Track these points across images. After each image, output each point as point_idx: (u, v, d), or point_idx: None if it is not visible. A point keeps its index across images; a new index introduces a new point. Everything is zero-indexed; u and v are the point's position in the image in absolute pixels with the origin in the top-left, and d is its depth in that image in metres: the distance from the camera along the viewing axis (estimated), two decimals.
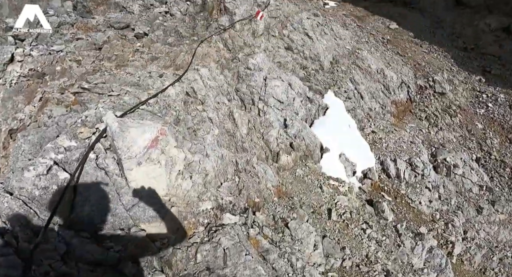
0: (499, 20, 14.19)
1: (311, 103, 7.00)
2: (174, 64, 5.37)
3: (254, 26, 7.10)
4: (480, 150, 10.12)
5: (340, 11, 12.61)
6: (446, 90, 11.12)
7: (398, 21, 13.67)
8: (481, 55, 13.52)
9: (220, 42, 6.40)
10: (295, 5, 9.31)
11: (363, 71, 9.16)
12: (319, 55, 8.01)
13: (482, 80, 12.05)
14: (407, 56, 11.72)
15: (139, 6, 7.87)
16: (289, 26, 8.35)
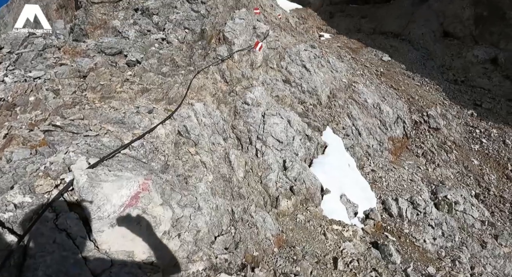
0: (486, 51, 14.64)
1: (310, 141, 6.60)
2: (166, 97, 4.90)
3: (252, 57, 6.85)
4: (478, 186, 10.01)
5: (335, 43, 12.71)
6: (440, 125, 11.08)
7: (390, 53, 13.90)
8: (471, 88, 13.74)
9: (217, 73, 6.06)
10: (292, 37, 9.24)
11: (359, 105, 8.96)
12: (316, 88, 7.76)
13: (474, 114, 12.13)
14: (400, 89, 11.72)
15: (135, 31, 7.47)
16: (286, 58, 8.15)
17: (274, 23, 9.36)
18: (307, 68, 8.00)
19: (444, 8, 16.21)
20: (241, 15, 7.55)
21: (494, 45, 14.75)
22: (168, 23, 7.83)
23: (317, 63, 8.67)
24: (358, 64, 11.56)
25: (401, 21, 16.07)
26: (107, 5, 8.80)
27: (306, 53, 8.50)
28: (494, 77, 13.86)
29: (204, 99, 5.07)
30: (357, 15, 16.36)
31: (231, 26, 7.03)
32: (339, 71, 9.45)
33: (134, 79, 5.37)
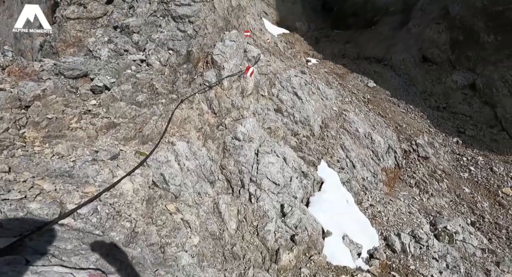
0: (465, 76, 14.69)
1: (306, 178, 5.94)
2: (139, 135, 4.03)
3: (243, 84, 6.23)
4: (473, 214, 9.90)
5: (322, 69, 12.50)
6: (429, 154, 10.95)
7: (375, 79, 13.87)
8: (453, 114, 13.84)
9: (204, 102, 5.34)
10: (281, 62, 8.80)
11: (351, 135, 8.52)
12: (309, 118, 7.21)
13: (459, 142, 12.11)
14: (388, 117, 11.55)
15: (109, 50, 6.54)
16: (277, 84, 7.61)
17: (263, 47, 8.92)
18: (299, 96, 7.48)
19: (422, 33, 16.31)
20: (232, 37, 6.98)
21: (471, 70, 14.66)
22: (149, 42, 7.07)
23: (308, 90, 8.21)
24: (346, 91, 11.30)
25: (382, 46, 16.33)
26: (85, 22, 7.85)
27: (297, 79, 8.03)
28: (474, 103, 14.07)
29: (188, 135, 4.29)
30: (342, 40, 16.53)
31: (220, 48, 6.44)
32: (329, 99, 9.04)
33: (98, 110, 4.35)
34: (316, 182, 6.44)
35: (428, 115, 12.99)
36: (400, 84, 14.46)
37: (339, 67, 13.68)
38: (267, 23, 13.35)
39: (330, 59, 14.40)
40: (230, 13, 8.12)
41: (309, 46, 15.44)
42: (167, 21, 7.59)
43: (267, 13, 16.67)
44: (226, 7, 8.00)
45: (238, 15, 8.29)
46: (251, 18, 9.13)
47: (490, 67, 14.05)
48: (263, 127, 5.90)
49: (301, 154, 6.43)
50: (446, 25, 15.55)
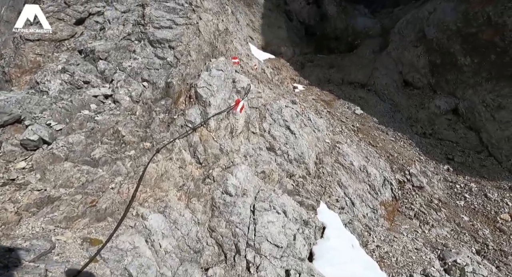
0: (447, 101, 14.52)
1: (307, 226, 5.14)
2: (91, 212, 2.93)
3: (232, 122, 5.47)
4: (476, 242, 9.59)
5: (309, 96, 12.08)
6: (423, 183, 10.62)
7: (361, 106, 13.62)
8: (440, 141, 13.75)
9: (186, 150, 4.47)
10: (270, 90, 8.19)
11: (347, 170, 7.92)
12: (303, 155, 6.51)
13: (450, 169, 11.92)
14: (379, 146, 11.18)
15: (61, 83, 5.13)
16: (268, 118, 6.91)
17: (251, 74, 8.31)
18: (291, 130, 6.80)
19: (401, 56, 16.21)
20: (219, 65, 6.18)
21: (452, 94, 14.50)
22: (119, 72, 5.91)
23: (300, 122, 7.58)
24: (335, 119, 10.85)
25: (365, 70, 16.31)
26: (47, 44, 6.60)
27: (288, 111, 7.39)
28: (459, 129, 14.04)
29: (165, 197, 3.37)
30: (326, 65, 16.44)
31: (206, 79, 5.65)
32: (320, 130, 8.45)
33: (28, 178, 3.03)
34: (318, 228, 5.70)
35: (417, 142, 12.79)
36: (386, 110, 14.30)
37: (326, 94, 13.35)
38: (253, 48, 12.93)
39: (316, 84, 14.09)
40: (217, 38, 7.42)
41: (295, 72, 15.14)
42: (143, 46, 6.57)
43: (252, 38, 16.39)
44: (213, 31, 7.28)
45: (226, 40, 7.65)
46: (238, 43, 8.56)
47: (470, 90, 14.07)
48: (256, 172, 5.10)
49: (299, 198, 5.64)
50: (423, 48, 15.46)
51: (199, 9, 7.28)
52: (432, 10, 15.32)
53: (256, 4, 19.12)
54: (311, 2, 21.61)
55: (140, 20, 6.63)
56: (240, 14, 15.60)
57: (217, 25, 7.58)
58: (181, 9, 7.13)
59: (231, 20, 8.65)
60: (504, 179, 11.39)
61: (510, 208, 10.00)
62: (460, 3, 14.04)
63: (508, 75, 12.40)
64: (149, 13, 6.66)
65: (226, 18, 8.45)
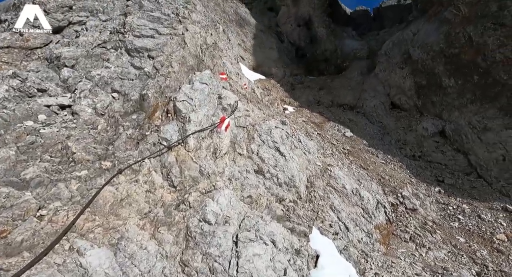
0: (434, 123, 14.57)
1: (299, 255, 4.77)
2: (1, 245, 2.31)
3: (216, 142, 5.11)
4: (475, 264, 9.33)
5: (299, 118, 12.01)
6: (416, 205, 10.44)
7: (351, 128, 13.63)
8: (429, 163, 13.77)
9: (158, 171, 4.05)
10: (259, 110, 8.00)
11: (339, 193, 7.65)
12: (294, 178, 6.21)
13: (441, 191, 11.86)
14: (370, 169, 11.08)
15: (8, 89, 4.42)
16: (257, 138, 6.65)
17: (240, 94, 8.14)
18: (281, 152, 6.54)
19: (388, 78, 16.42)
20: (204, 78, 5.79)
21: (438, 116, 14.62)
22: (84, 81, 5.40)
23: (290, 143, 7.35)
24: (326, 142, 10.72)
25: (354, 93, 16.52)
26: (16, 52, 6.10)
27: (278, 132, 7.17)
28: (447, 151, 14.10)
29: (121, 227, 2.85)
30: (315, 87, 16.64)
31: (187, 92, 5.23)
32: (311, 153, 8.24)
33: None
34: (311, 257, 5.30)
35: (407, 165, 12.75)
36: (375, 133, 14.35)
37: (316, 116, 13.34)
38: (244, 68, 12.97)
39: (306, 106, 14.11)
40: (204, 52, 7.17)
41: (285, 93, 15.22)
42: (119, 55, 6.14)
43: (243, 58, 16.55)
44: (200, 44, 7.07)
45: (214, 54, 7.45)
46: (228, 61, 8.46)
47: (456, 112, 14.20)
48: (242, 197, 4.74)
49: (289, 224, 5.28)
50: (409, 70, 15.66)
51: (186, 20, 7.08)
52: (416, 31, 15.55)
53: (248, 25, 19.52)
54: (301, 24, 22.31)
55: (120, 28, 6.33)
56: (231, 33, 15.81)
57: (205, 38, 7.37)
58: (166, 19, 6.95)
59: (222, 38, 8.60)
60: (495, 200, 11.35)
61: (505, 228, 9.94)
62: (442, 24, 14.28)
63: (492, 97, 12.57)
64: (130, 22, 6.41)
65: (216, 34, 8.35)
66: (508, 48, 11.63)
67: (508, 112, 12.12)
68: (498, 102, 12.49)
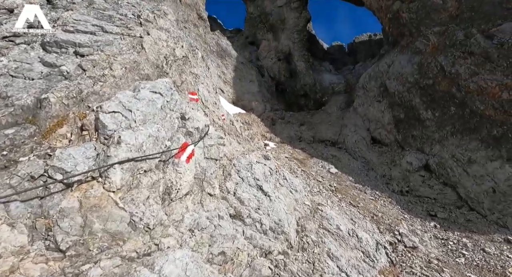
0: (417, 157, 14.02)
1: None
2: None
3: (171, 177, 3.87)
4: None
5: (282, 153, 11.26)
6: (416, 242, 9.58)
7: (335, 164, 13.00)
8: (418, 198, 13.19)
9: (32, 224, 2.46)
10: (239, 144, 7.10)
11: (335, 236, 6.59)
12: (282, 222, 5.12)
13: (437, 226, 11.13)
14: (360, 207, 10.27)
15: None
16: (234, 175, 5.63)
17: (217, 124, 7.21)
18: (265, 191, 5.52)
19: (367, 112, 16.19)
20: (158, 86, 4.47)
21: (420, 150, 14.20)
22: None
23: (275, 181, 6.37)
24: (311, 179, 9.89)
25: (334, 128, 16.23)
26: None
27: (259, 167, 6.22)
28: (434, 185, 13.62)
29: None
30: (296, 122, 16.28)
31: (125, 101, 3.85)
32: (298, 191, 7.28)
33: None
34: None
35: (397, 200, 12.05)
36: (360, 169, 13.79)
37: (298, 152, 12.66)
38: (223, 100, 12.33)
39: (288, 142, 13.47)
40: (170, 64, 6.11)
41: (266, 128, 14.63)
42: (27, 49, 4.63)
43: (223, 90, 16.08)
44: (165, 53, 5.94)
45: (183, 69, 6.43)
46: (204, 89, 7.64)
47: (437, 146, 13.89)
48: (210, 256, 3.53)
49: None
50: (386, 103, 15.53)
51: (149, 24, 6.15)
52: (391, 63, 15.59)
53: (229, 57, 19.44)
54: (282, 58, 22.77)
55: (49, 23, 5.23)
56: (212, 63, 15.39)
57: (173, 49, 6.39)
58: (121, 18, 5.97)
59: (200, 64, 7.92)
60: (495, 232, 10.71)
61: None
62: (414, 55, 14.36)
63: (472, 129, 12.40)
64: (66, 16, 5.28)
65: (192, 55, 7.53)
66: (480, 77, 11.70)
67: (490, 143, 11.92)
68: (478, 134, 12.34)
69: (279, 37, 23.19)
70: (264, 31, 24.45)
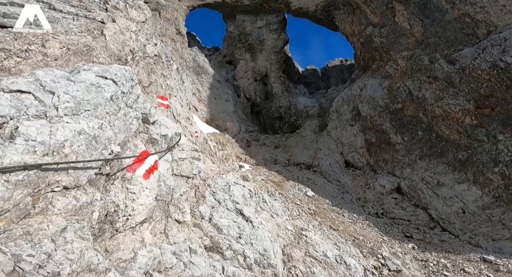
0: (390, 180, 14.20)
1: None
2: None
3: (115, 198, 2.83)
4: None
5: (258, 176, 10.69)
6: (399, 266, 9.35)
7: (311, 187, 12.73)
8: (393, 220, 13.18)
9: None
10: (213, 164, 6.41)
11: (322, 264, 6.03)
12: (268, 252, 4.43)
13: (415, 247, 11.02)
14: (340, 230, 9.91)
15: None
16: (209, 198, 4.90)
17: (190, 141, 6.46)
18: (246, 216, 4.83)
19: (340, 136, 16.38)
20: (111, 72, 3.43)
21: (392, 173, 14.43)
22: None
23: (255, 204, 5.72)
24: (289, 202, 9.39)
25: (309, 151, 16.13)
26: None
27: (238, 189, 5.55)
28: (407, 207, 13.75)
29: None
30: (271, 145, 15.94)
31: (45, 80, 2.70)
32: (279, 215, 6.68)
33: None
34: None
35: (374, 223, 11.89)
36: (335, 192, 13.62)
37: (274, 175, 12.19)
38: (197, 120, 11.60)
39: (263, 165, 12.98)
40: (137, 60, 5.33)
41: (241, 150, 14.05)
42: None
43: (197, 109, 15.33)
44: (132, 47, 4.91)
45: (153, 69, 5.63)
46: (177, 102, 6.90)
47: (408, 169, 14.19)
48: None
49: None
50: (359, 127, 15.76)
51: (117, 11, 5.27)
52: (363, 87, 15.96)
53: (206, 74, 18.89)
54: (258, 79, 22.77)
55: None
56: (187, 77, 14.65)
57: (144, 45, 5.58)
58: None
59: (175, 76, 7.25)
60: (470, 251, 10.83)
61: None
62: (384, 79, 14.77)
63: (439, 153, 12.83)
64: None
65: (167, 65, 6.75)
66: (444, 101, 12.21)
67: (457, 167, 12.34)
68: (445, 157, 12.77)
69: (257, 57, 23.39)
70: (242, 51, 24.59)
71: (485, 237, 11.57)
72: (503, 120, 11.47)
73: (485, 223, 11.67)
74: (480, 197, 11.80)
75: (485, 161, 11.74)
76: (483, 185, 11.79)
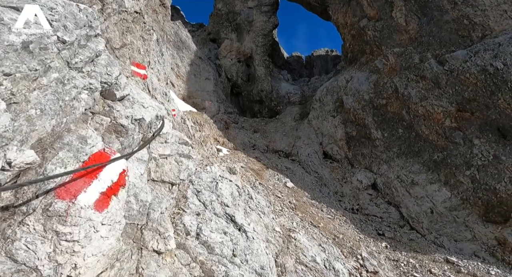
0: (366, 175, 14.07)
1: None
2: None
3: (35, 256, 1.49)
4: None
5: (237, 162, 9.77)
6: (376, 267, 9.30)
7: (290, 178, 12.20)
8: (367, 216, 13.19)
9: None
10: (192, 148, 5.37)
11: (313, 272, 5.44)
12: (265, 270, 3.58)
13: (387, 246, 11.05)
14: (321, 227, 9.54)
15: None
16: (192, 199, 3.86)
17: (167, 120, 5.30)
18: (238, 224, 3.91)
19: (321, 126, 16.00)
20: (40, 1, 2.27)
21: (369, 169, 14.33)
22: None
23: (244, 204, 4.84)
24: (270, 194, 8.74)
25: (288, 139, 15.49)
26: None
27: (227, 186, 4.58)
28: (380, 204, 13.82)
29: None
30: (250, 128, 15.04)
31: None
32: (266, 213, 5.92)
33: None
34: None
35: (350, 219, 11.73)
36: (313, 184, 13.23)
37: (253, 161, 11.41)
38: (173, 95, 10.21)
39: (241, 149, 12.12)
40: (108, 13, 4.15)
41: (219, 132, 12.97)
42: None
43: (174, 84, 13.79)
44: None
45: (130, 29, 4.45)
46: (154, 75, 5.69)
47: (384, 166, 14.14)
48: None
49: None
50: (341, 118, 15.47)
51: None
52: (350, 79, 15.57)
53: (187, 49, 17.14)
54: (242, 61, 21.48)
55: None
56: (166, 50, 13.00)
57: None
58: None
59: (154, 47, 5.96)
60: (435, 252, 11.07)
61: None
62: (372, 73, 14.44)
63: (416, 152, 12.84)
64: None
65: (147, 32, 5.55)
66: (428, 101, 12.11)
67: (431, 167, 12.45)
68: (421, 157, 12.83)
69: (243, 38, 22.21)
70: (228, 30, 23.38)
71: (449, 238, 11.89)
72: (481, 125, 11.58)
73: (450, 224, 11.97)
74: (448, 198, 12.03)
75: (459, 163, 11.87)
76: (453, 187, 11.99)
